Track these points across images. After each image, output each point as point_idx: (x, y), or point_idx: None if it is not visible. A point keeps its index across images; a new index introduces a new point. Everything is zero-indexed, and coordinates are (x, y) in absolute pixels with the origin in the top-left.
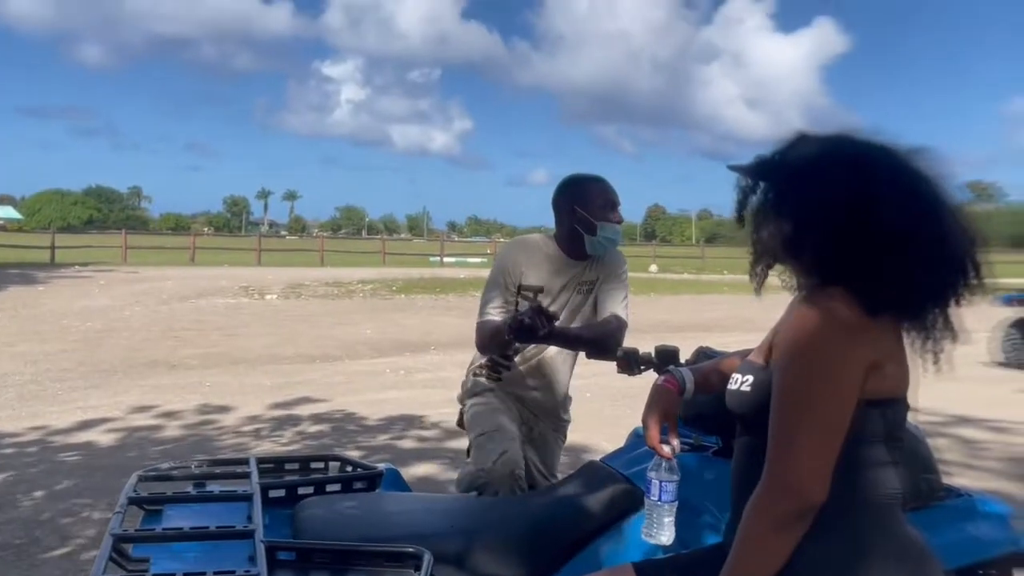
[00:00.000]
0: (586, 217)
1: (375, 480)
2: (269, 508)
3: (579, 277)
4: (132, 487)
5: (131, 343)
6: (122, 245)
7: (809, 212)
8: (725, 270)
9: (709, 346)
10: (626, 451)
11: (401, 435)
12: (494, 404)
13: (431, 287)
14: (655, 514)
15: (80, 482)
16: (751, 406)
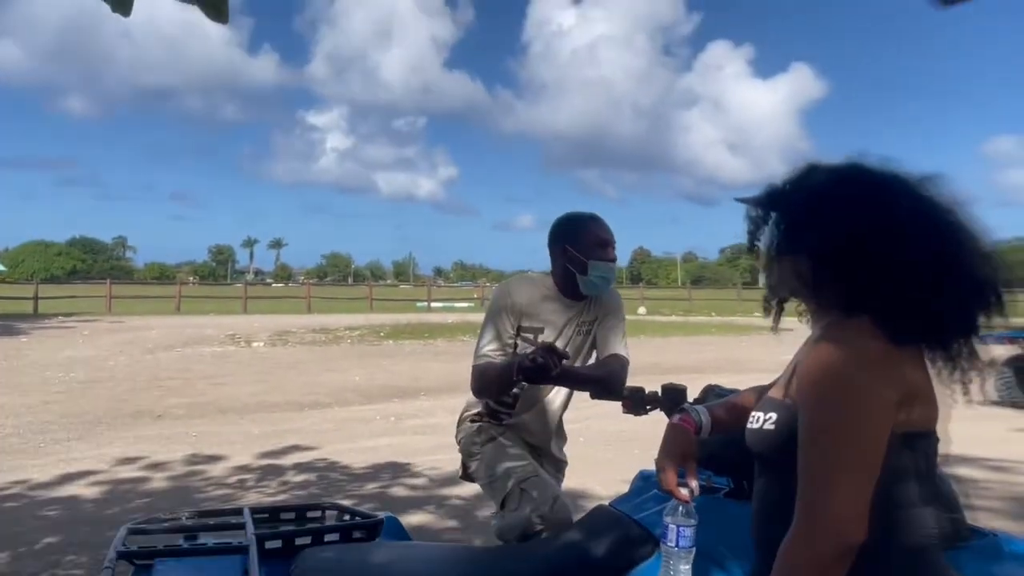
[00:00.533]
0: (577, 256)
1: (375, 529)
2: (265, 560)
3: (578, 317)
4: (121, 540)
5: (115, 393)
6: (107, 295)
7: (829, 243)
8: (712, 312)
9: (718, 384)
10: (634, 494)
11: (393, 483)
12: (515, 448)
13: (419, 332)
14: (672, 561)
15: (64, 537)
16: (776, 445)
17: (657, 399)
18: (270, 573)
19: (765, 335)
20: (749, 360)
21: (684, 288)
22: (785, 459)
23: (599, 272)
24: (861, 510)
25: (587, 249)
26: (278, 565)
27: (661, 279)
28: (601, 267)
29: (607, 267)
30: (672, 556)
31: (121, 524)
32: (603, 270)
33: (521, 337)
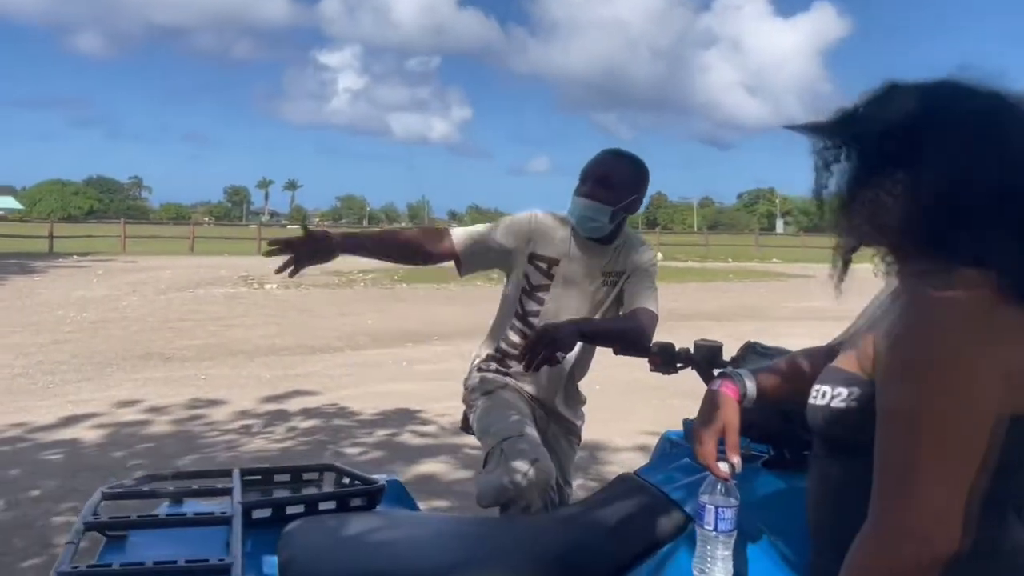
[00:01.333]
0: None
1: (376, 496)
2: (253, 531)
3: (603, 266)
4: (93, 508)
5: (126, 334)
6: (121, 235)
7: (937, 177)
8: (729, 257)
9: (758, 341)
10: (662, 462)
11: (403, 431)
12: (510, 403)
13: (432, 277)
14: (709, 546)
15: (63, 483)
16: (851, 427)
17: (689, 357)
18: (256, 546)
19: (783, 281)
20: (768, 307)
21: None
22: (861, 442)
23: (572, 208)
24: (954, 512)
25: (579, 184)
26: (266, 536)
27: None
28: (574, 203)
29: (575, 202)
30: (709, 540)
31: (124, 469)
32: (574, 206)
33: (534, 264)
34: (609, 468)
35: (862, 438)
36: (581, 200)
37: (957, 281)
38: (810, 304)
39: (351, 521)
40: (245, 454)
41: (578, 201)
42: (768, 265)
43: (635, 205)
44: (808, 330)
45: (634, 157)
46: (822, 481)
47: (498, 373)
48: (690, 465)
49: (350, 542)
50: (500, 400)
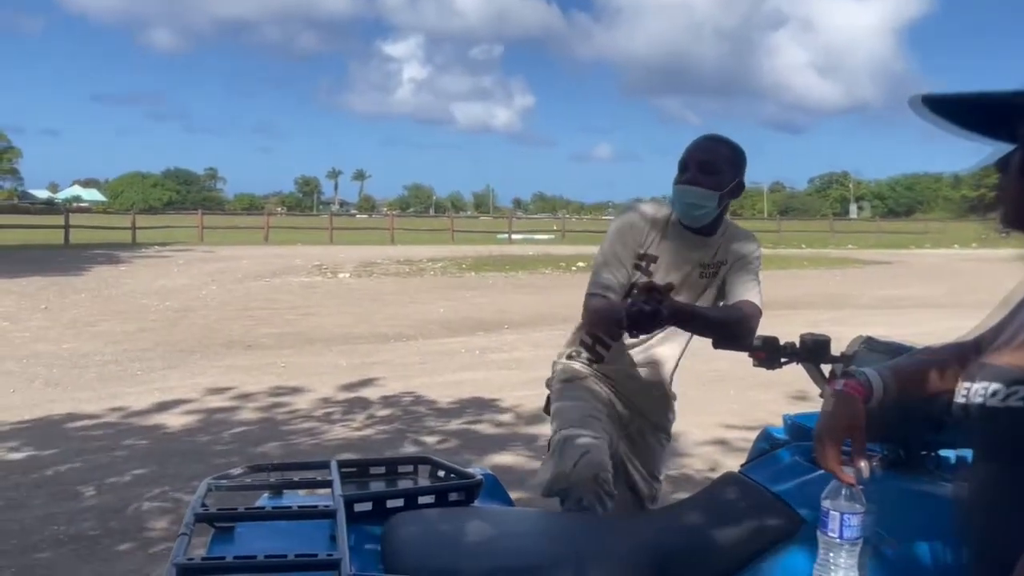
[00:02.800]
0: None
1: (473, 490)
2: (354, 524)
3: (702, 257)
4: (200, 499)
5: (208, 322)
6: (199, 225)
7: None
8: (803, 244)
9: (872, 336)
10: (768, 461)
11: (479, 420)
12: (585, 394)
13: (501, 264)
14: (832, 554)
15: (156, 468)
16: (1020, 428)
17: (795, 351)
18: (359, 539)
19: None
20: (846, 295)
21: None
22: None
23: (674, 197)
24: None
25: (679, 175)
26: (368, 529)
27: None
28: (676, 191)
29: (679, 191)
30: (833, 547)
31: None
32: (677, 194)
33: (636, 266)
34: (687, 461)
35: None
36: (685, 188)
37: None
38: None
39: (452, 516)
40: (327, 442)
41: (682, 189)
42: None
43: (738, 189)
44: (891, 319)
45: (731, 141)
46: (984, 488)
47: (586, 362)
48: (798, 464)
49: (453, 537)
50: (576, 390)
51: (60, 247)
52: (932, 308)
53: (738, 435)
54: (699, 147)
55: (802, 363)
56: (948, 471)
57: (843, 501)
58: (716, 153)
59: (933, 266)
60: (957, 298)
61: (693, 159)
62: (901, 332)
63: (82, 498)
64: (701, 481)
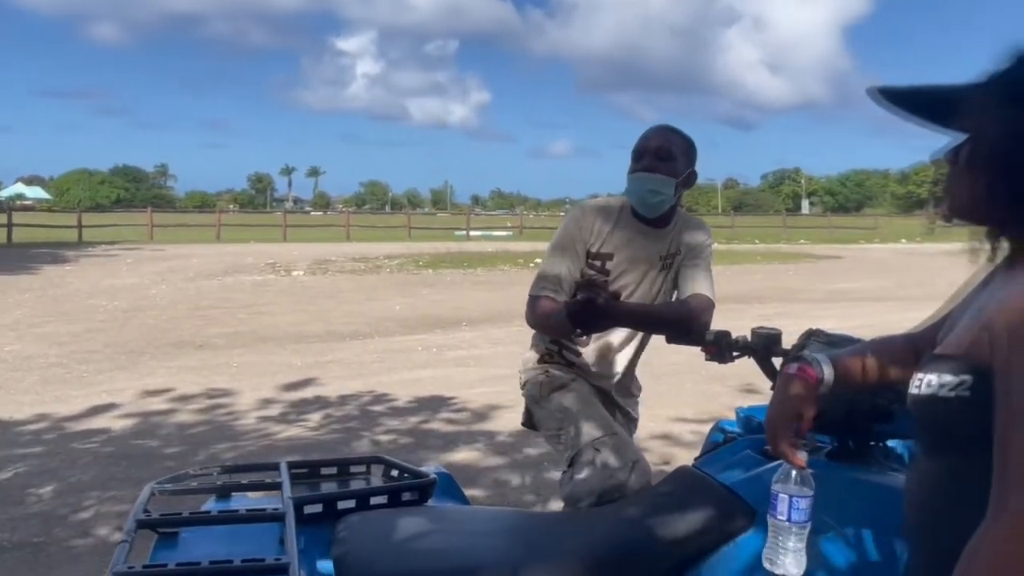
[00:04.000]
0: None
1: (427, 489)
2: (305, 527)
3: (659, 249)
4: (143, 504)
5: (157, 322)
6: (148, 223)
7: None
8: (756, 239)
9: (821, 328)
10: (721, 454)
11: (436, 418)
12: (588, 400)
13: (459, 261)
14: (781, 537)
15: (102, 473)
16: (961, 418)
17: (746, 345)
18: (309, 542)
19: (812, 263)
20: (799, 289)
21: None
22: (970, 434)
23: (631, 186)
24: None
25: (632, 164)
26: (319, 532)
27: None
28: (632, 180)
29: (636, 179)
30: (781, 531)
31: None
32: (633, 182)
33: (588, 264)
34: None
35: (974, 431)
36: (642, 176)
37: None
38: (841, 286)
39: (405, 516)
40: (279, 442)
41: (638, 177)
42: (796, 246)
43: (692, 178)
44: (841, 311)
45: (682, 131)
46: (928, 478)
47: (561, 366)
48: (750, 456)
49: (405, 538)
50: (577, 396)
51: (2, 246)
52: (881, 301)
53: (692, 428)
54: (654, 135)
55: (753, 357)
56: (897, 461)
57: (793, 485)
58: (670, 141)
59: (882, 260)
60: (905, 291)
61: (648, 147)
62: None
63: (26, 504)
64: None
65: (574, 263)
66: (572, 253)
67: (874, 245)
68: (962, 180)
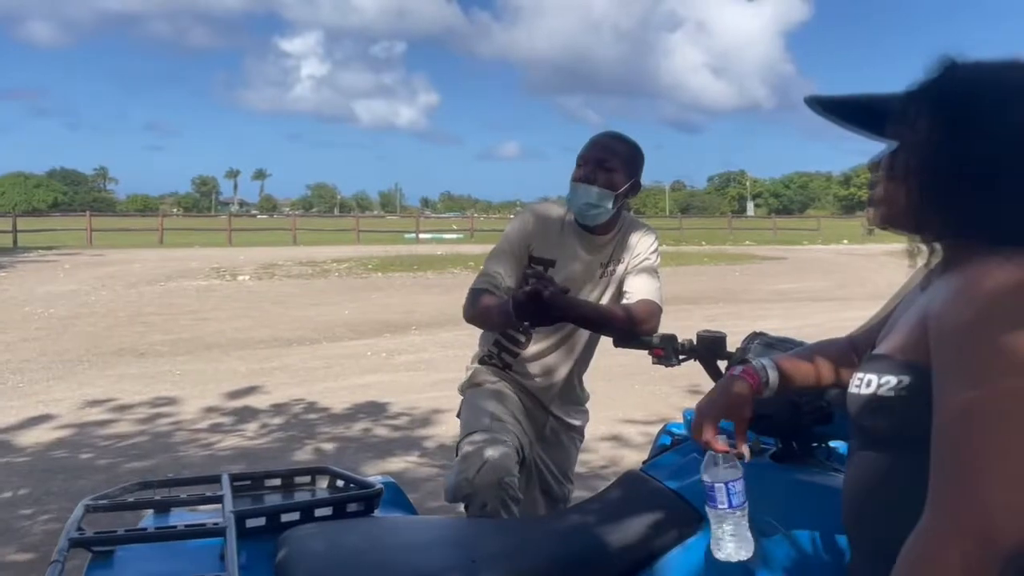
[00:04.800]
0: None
1: (373, 500)
2: (247, 541)
3: (600, 256)
4: (77, 521)
5: (97, 330)
6: (87, 227)
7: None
8: (703, 241)
9: (764, 331)
10: (669, 458)
11: (385, 424)
12: (493, 398)
13: (408, 265)
14: (726, 525)
15: (37, 487)
16: (897, 417)
17: (692, 348)
18: (252, 557)
19: (758, 264)
20: (744, 290)
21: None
22: (911, 434)
23: (570, 194)
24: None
25: (575, 171)
26: (261, 546)
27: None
28: (572, 188)
29: (575, 188)
30: (726, 519)
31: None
32: (575, 192)
33: (530, 268)
34: (591, 457)
35: (912, 430)
36: (581, 186)
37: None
38: (785, 286)
39: (349, 528)
40: (223, 453)
41: (577, 187)
42: (741, 247)
43: (634, 189)
44: (785, 311)
45: (629, 139)
46: (865, 476)
47: (497, 366)
48: (696, 460)
49: (349, 551)
50: (484, 394)
51: None
52: (824, 300)
53: (642, 429)
54: (597, 144)
55: (699, 359)
56: (839, 462)
57: (722, 470)
58: (614, 151)
59: (825, 261)
60: (846, 290)
61: (591, 157)
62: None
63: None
64: (604, 476)
65: (517, 265)
66: (516, 255)
67: (817, 246)
68: (891, 188)
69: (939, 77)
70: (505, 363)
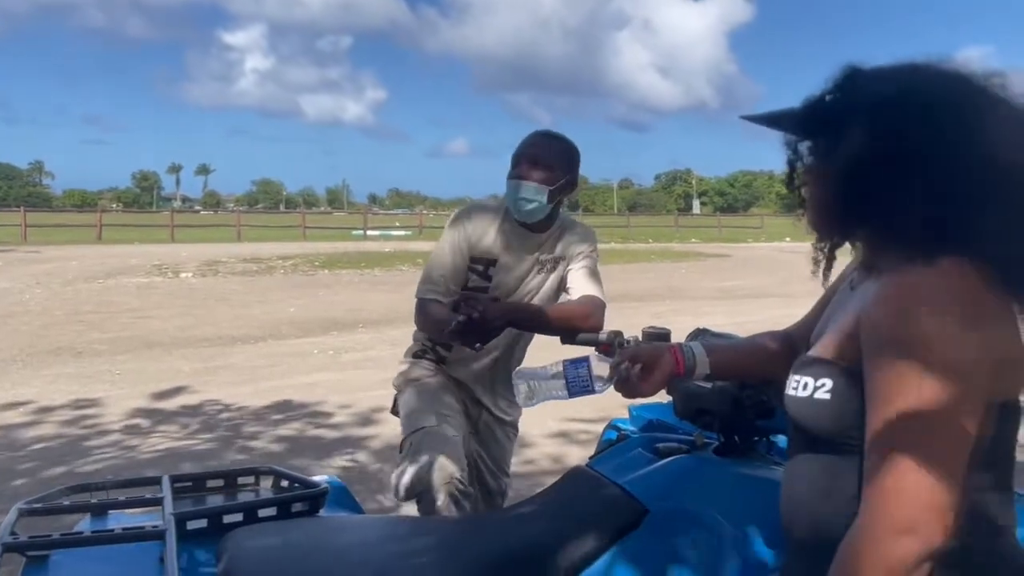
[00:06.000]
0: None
1: (318, 500)
2: (187, 543)
3: (539, 252)
4: (10, 526)
5: (32, 328)
6: (21, 223)
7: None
8: (650, 238)
9: (707, 327)
10: (614, 453)
11: (331, 423)
12: (432, 393)
13: (356, 262)
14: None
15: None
16: (832, 419)
17: (638, 344)
18: (192, 561)
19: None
20: (689, 288)
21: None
22: (842, 435)
23: (509, 192)
24: (946, 504)
25: (512, 168)
26: (203, 549)
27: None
28: (510, 186)
29: (510, 185)
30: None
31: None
32: (511, 189)
33: (471, 268)
34: (536, 453)
35: (847, 432)
36: (516, 182)
37: (937, 271)
38: (729, 283)
39: (293, 528)
40: (163, 454)
41: (513, 184)
42: (687, 245)
43: (570, 186)
44: (729, 308)
45: (564, 137)
46: (799, 478)
47: (432, 361)
48: (642, 455)
49: (293, 551)
50: (424, 389)
51: None
52: (767, 297)
53: (588, 427)
54: (532, 143)
55: None
56: (780, 456)
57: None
58: (548, 149)
59: (768, 258)
60: (788, 287)
61: (525, 154)
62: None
63: None
64: (550, 471)
65: (458, 264)
66: (456, 255)
67: (761, 244)
68: (817, 193)
69: (843, 84)
70: (440, 356)
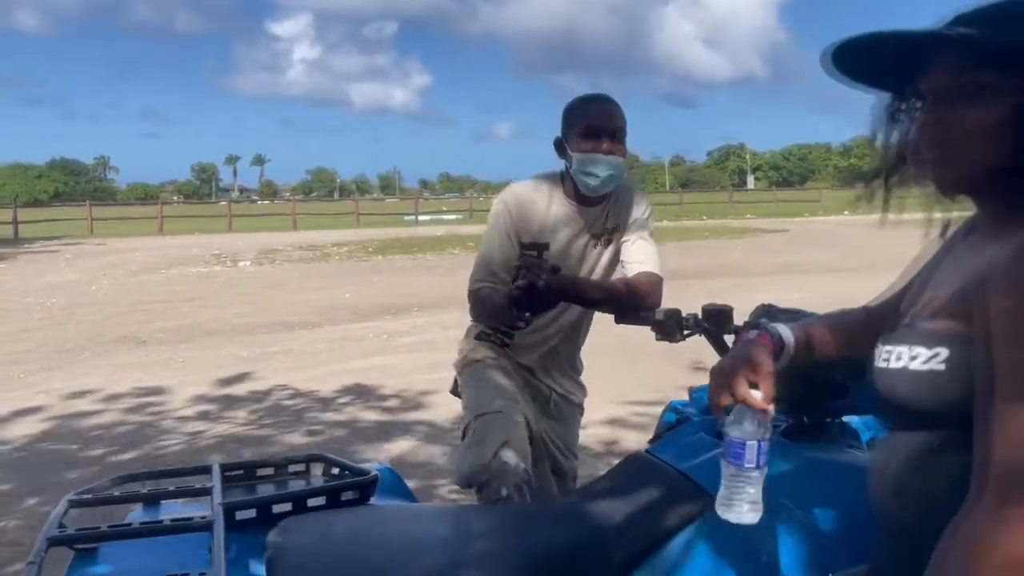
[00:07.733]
0: (567, 150)
1: (368, 488)
2: (237, 533)
3: (592, 226)
4: (59, 518)
5: (98, 319)
6: (87, 217)
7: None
8: (704, 215)
9: (772, 303)
10: (674, 438)
11: (387, 407)
12: (497, 375)
13: (408, 247)
14: (747, 486)
15: (31, 479)
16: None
17: (697, 322)
18: (242, 551)
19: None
20: (747, 264)
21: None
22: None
23: (584, 167)
24: None
25: (576, 141)
26: (252, 539)
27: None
28: (586, 161)
29: (592, 160)
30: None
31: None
32: (588, 164)
33: (523, 255)
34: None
35: (952, 403)
36: (592, 157)
37: None
38: (789, 258)
39: (342, 518)
40: (223, 440)
41: (591, 159)
42: (743, 221)
43: None
44: (790, 283)
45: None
46: (899, 455)
47: (495, 343)
48: (704, 439)
49: (341, 542)
50: (487, 372)
51: None
52: (828, 272)
53: (645, 409)
54: (597, 111)
55: (705, 334)
56: (853, 438)
57: (752, 426)
58: (620, 119)
59: (827, 232)
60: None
61: (606, 127)
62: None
63: None
64: (608, 453)
65: (509, 256)
66: (506, 241)
67: (818, 218)
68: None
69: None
70: (503, 341)
